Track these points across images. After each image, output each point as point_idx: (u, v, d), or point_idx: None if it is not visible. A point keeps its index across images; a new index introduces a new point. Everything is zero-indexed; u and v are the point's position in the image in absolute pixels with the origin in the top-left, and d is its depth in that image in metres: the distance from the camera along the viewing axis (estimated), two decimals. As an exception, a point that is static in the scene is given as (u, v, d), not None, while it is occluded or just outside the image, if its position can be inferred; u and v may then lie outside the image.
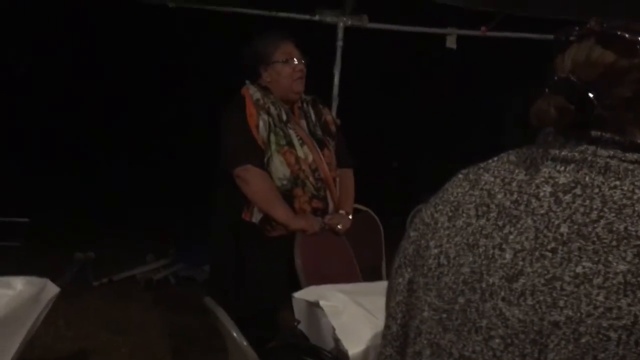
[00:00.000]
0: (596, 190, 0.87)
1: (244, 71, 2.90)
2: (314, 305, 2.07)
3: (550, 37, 1.00)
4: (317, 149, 2.81)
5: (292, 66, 2.81)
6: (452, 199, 1.02)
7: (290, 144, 2.74)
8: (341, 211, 2.87)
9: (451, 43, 4.53)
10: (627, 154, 0.89)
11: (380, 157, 7.88)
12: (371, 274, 2.91)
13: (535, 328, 0.84)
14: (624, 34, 0.90)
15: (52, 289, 2.18)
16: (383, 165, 8.38)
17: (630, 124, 0.91)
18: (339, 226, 2.83)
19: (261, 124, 2.71)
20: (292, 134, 2.76)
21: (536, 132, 0.98)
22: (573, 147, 0.91)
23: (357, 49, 4.34)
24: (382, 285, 1.30)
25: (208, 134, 2.96)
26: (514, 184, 0.95)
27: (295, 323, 2.15)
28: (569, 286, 0.83)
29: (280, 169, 2.70)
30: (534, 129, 0.97)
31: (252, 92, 2.78)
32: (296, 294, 2.19)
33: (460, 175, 1.05)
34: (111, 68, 7.57)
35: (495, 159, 1.02)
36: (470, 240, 0.95)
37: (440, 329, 0.95)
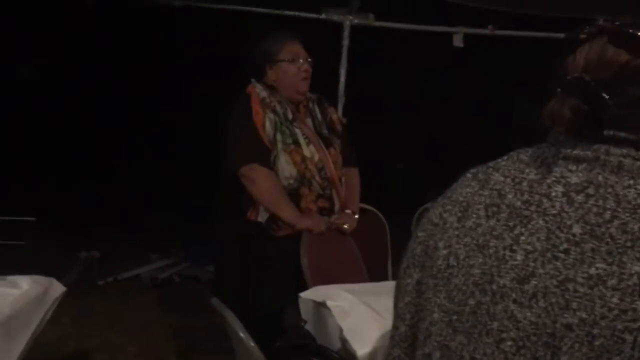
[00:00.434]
0: (609, 190, 0.85)
1: (248, 70, 2.89)
2: (320, 306, 2.06)
3: (559, 36, 0.99)
4: (323, 148, 2.80)
5: (297, 65, 2.80)
6: (461, 199, 1.00)
7: (296, 142, 2.72)
8: (347, 211, 2.86)
9: (458, 42, 4.51)
10: None
11: (386, 156, 7.86)
12: (377, 273, 2.89)
13: (547, 330, 0.83)
14: (637, 32, 0.89)
15: (57, 288, 2.18)
16: (389, 164, 8.36)
17: None
18: (345, 226, 2.82)
19: (267, 122, 2.69)
20: (298, 132, 2.75)
21: (545, 130, 0.97)
22: (585, 146, 0.90)
23: (363, 47, 4.33)
24: (389, 286, 1.29)
25: (213, 133, 2.96)
26: (524, 184, 0.93)
27: (302, 323, 2.14)
28: (582, 288, 0.81)
29: (286, 168, 2.69)
30: (542, 128, 0.95)
31: (259, 91, 2.76)
32: (303, 294, 2.18)
33: (469, 174, 1.03)
34: (115, 68, 7.58)
35: (505, 158, 1.00)
36: (480, 241, 0.93)
37: (450, 331, 0.93)
